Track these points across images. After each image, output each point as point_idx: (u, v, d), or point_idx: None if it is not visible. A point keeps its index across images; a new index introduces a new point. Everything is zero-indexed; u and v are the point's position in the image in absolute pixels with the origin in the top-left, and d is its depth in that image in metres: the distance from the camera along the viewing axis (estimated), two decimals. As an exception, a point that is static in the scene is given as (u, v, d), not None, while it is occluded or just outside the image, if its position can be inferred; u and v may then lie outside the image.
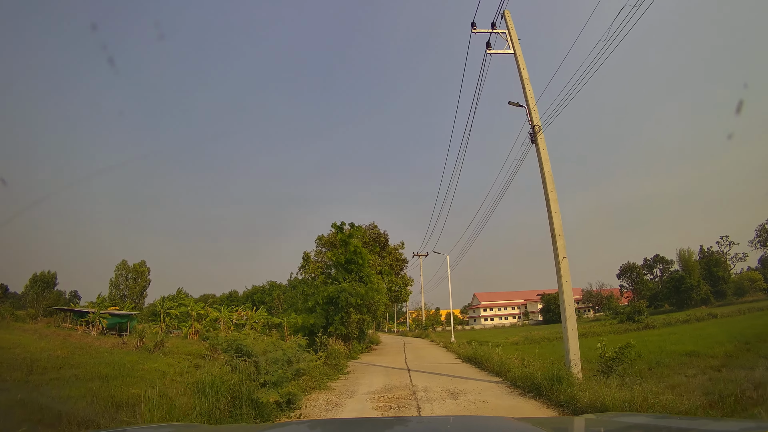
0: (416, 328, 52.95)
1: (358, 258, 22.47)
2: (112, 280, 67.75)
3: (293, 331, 22.25)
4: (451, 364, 16.73)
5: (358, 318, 21.11)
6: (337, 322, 20.73)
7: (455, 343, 27.58)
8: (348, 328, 20.90)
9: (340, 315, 20.78)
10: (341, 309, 20.96)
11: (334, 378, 13.14)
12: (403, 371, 14.47)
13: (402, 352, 23.04)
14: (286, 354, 10.36)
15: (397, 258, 29.22)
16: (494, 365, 13.66)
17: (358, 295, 20.97)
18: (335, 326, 20.65)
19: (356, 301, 20.81)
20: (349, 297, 20.69)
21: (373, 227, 28.76)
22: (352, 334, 21.33)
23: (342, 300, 20.64)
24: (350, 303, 20.82)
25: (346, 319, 20.81)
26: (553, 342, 35.33)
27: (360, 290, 21.02)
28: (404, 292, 29.30)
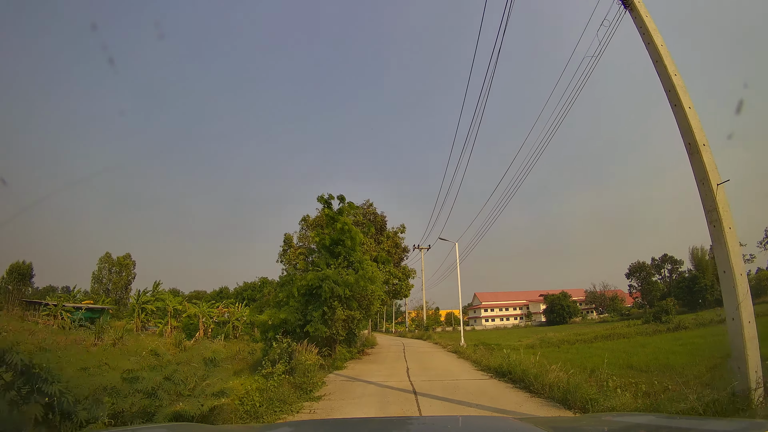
0: (416, 329, 47.38)
1: (347, 238, 17.01)
2: (94, 274, 62.21)
3: (261, 332, 16.73)
4: (474, 380, 11.20)
5: (345, 315, 15.62)
6: (317, 320, 15.23)
7: (466, 347, 22.03)
8: (332, 328, 15.41)
9: (321, 310, 15.30)
10: (323, 303, 15.49)
11: (292, 408, 7.63)
12: (406, 395, 8.92)
13: (402, 359, 17.52)
14: (173, 374, 4.92)
15: (396, 244, 23.82)
16: (552, 387, 8.19)
17: (346, 284, 15.50)
18: (315, 325, 15.16)
19: (343, 292, 15.33)
20: (334, 287, 15.22)
21: (369, 205, 23.37)
22: (338, 336, 15.82)
23: (324, 291, 15.17)
24: (335, 294, 15.35)
25: (329, 315, 15.32)
26: (575, 345, 29.87)
27: (348, 278, 15.55)
28: (404, 286, 23.87)
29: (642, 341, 28.40)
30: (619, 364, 14.57)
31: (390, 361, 17.01)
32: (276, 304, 16.64)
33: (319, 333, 15.14)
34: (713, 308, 56.53)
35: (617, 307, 74.46)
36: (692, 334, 29.37)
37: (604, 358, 16.86)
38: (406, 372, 13.15)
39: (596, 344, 29.33)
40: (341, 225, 17.17)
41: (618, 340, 30.24)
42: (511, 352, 14.04)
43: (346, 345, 19.42)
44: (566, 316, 72.85)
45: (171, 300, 39.82)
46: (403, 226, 24.08)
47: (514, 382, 10.10)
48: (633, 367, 13.77)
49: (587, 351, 25.77)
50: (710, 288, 59.34)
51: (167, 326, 38.22)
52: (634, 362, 14.60)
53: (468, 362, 15.69)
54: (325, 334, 15.33)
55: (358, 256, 17.47)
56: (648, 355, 16.86)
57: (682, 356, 14.97)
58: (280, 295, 16.62)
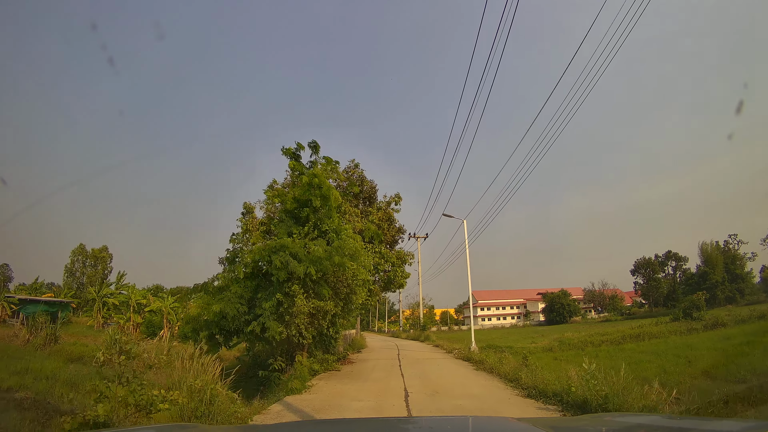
0: (411, 328, 41.70)
1: (317, 197, 11.35)
2: (67, 266, 55.91)
3: (192, 331, 10.98)
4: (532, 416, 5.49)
5: (311, 307, 9.95)
6: (267, 314, 9.56)
7: (477, 352, 16.42)
8: (290, 327, 9.73)
9: (273, 299, 9.62)
10: (277, 288, 9.82)
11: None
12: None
13: (397, 371, 11.86)
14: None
15: (389, 218, 18.10)
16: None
17: (312, 260, 9.84)
18: (266, 321, 9.50)
19: (305, 271, 9.66)
20: (291, 262, 9.55)
21: (354, 166, 17.60)
22: (299, 338, 10.10)
23: (276, 267, 9.52)
24: (294, 276, 9.70)
25: (286, 307, 9.66)
26: (601, 347, 24.37)
27: (316, 251, 9.88)
28: (399, 273, 18.21)
29: (684, 342, 23.04)
30: (689, 372, 11.73)
31: (379, 375, 11.30)
32: (215, 291, 10.92)
33: (272, 334, 9.45)
34: (724, 306, 51.70)
35: (617, 306, 69.68)
36: (736, 331, 24.12)
37: (664, 364, 12.90)
38: (405, 400, 7.47)
39: (627, 346, 23.98)
40: (309, 178, 11.52)
41: (650, 340, 24.96)
42: (568, 367, 8.70)
43: (322, 351, 13.75)
44: (566, 315, 67.63)
45: (134, 293, 33.88)
46: (398, 196, 18.45)
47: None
48: (710, 374, 11.10)
49: (625, 355, 20.31)
50: (721, 285, 54.40)
51: (129, 322, 32.34)
52: (703, 367, 11.66)
53: (495, 378, 10.07)
54: (280, 335, 9.64)
55: (334, 224, 11.80)
56: (713, 359, 14.05)
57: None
58: (219, 277, 10.93)
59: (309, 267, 9.63)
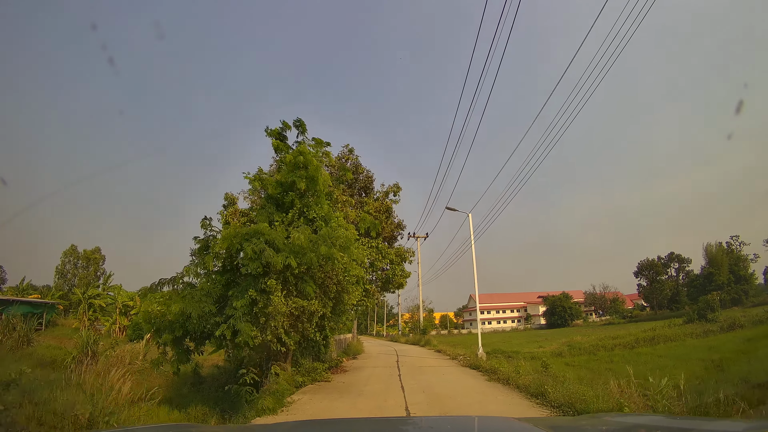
0: (410, 332, 39.80)
1: (302, 178, 9.60)
2: (57, 268, 53.98)
3: (154, 333, 9.19)
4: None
5: (292, 306, 8.17)
6: (239, 315, 7.77)
7: (485, 359, 14.61)
8: (265, 331, 7.93)
9: (246, 297, 7.83)
10: (253, 283, 8.05)
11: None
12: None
13: (396, 380, 10.05)
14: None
15: (388, 210, 16.28)
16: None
17: (294, 249, 8.06)
18: (237, 323, 7.70)
19: (284, 263, 7.87)
20: (266, 251, 7.77)
21: (349, 151, 15.72)
22: (283, 346, 8.29)
23: (248, 256, 7.75)
24: (272, 268, 7.93)
25: (263, 307, 7.87)
26: (614, 351, 22.56)
27: (298, 238, 8.07)
28: (399, 272, 16.41)
29: (703, 344, 21.31)
30: (726, 379, 9.92)
31: (376, 387, 9.46)
32: (184, 287, 9.11)
33: (244, 339, 7.65)
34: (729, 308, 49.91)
35: (619, 308, 67.87)
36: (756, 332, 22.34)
37: (694, 371, 11.33)
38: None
39: (642, 350, 22.18)
40: (293, 156, 9.78)
41: (666, 343, 23.16)
42: (589, 375, 7.17)
43: (311, 358, 11.92)
44: (568, 318, 65.81)
45: (120, 294, 31.95)
46: (397, 186, 16.62)
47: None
48: (750, 382, 9.22)
49: (643, 360, 18.53)
50: (727, 286, 52.69)
51: (115, 325, 30.40)
52: (740, 374, 10.01)
53: (514, 392, 8.26)
54: (254, 340, 7.84)
55: (323, 211, 10.05)
56: (746, 363, 12.27)
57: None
58: (185, 271, 9.13)
59: (289, 258, 7.85)
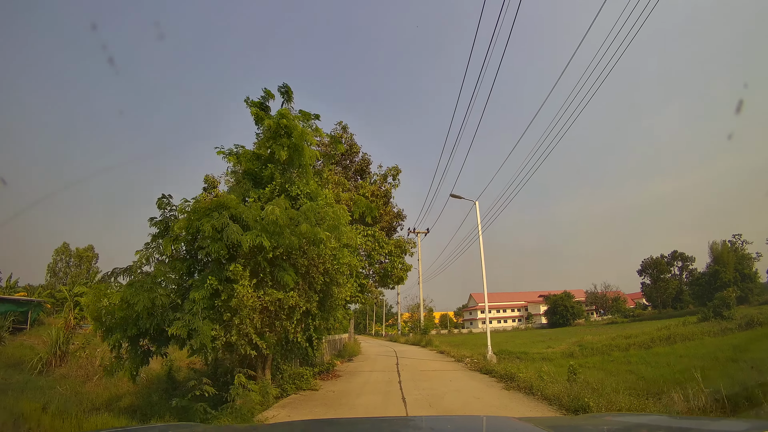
0: (410, 332, 38.02)
1: (282, 146, 7.89)
2: (49, 266, 52.06)
3: (105, 332, 7.46)
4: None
5: (266, 299, 6.46)
6: (198, 309, 6.06)
7: (495, 361, 12.90)
8: (230, 331, 6.21)
9: (207, 287, 6.13)
10: (217, 270, 6.34)
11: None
12: None
13: (396, 389, 8.33)
14: None
15: (386, 195, 14.54)
16: None
17: (267, 227, 6.35)
18: (193, 319, 5.98)
19: (256, 242, 6.16)
20: (234, 230, 6.06)
21: (342, 128, 13.92)
22: (243, 348, 6.55)
23: (209, 236, 6.05)
24: (240, 250, 6.23)
25: (225, 300, 6.16)
26: (627, 351, 20.77)
27: (272, 211, 6.33)
28: (398, 265, 14.63)
29: (724, 343, 19.56)
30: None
31: (371, 399, 7.70)
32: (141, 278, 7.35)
33: (202, 339, 5.92)
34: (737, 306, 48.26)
35: (621, 307, 66.25)
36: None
37: (730, 374, 9.98)
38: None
39: (659, 350, 20.43)
40: (273, 121, 8.08)
41: (684, 342, 21.47)
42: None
43: (299, 362, 10.21)
44: (569, 317, 64.16)
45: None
46: (396, 169, 14.84)
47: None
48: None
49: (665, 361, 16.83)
50: (733, 284, 51.03)
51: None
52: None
53: (543, 405, 6.54)
54: (215, 342, 6.11)
55: (309, 188, 8.33)
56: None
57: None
58: (139, 257, 7.40)
59: (260, 237, 6.12)
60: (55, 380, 15.40)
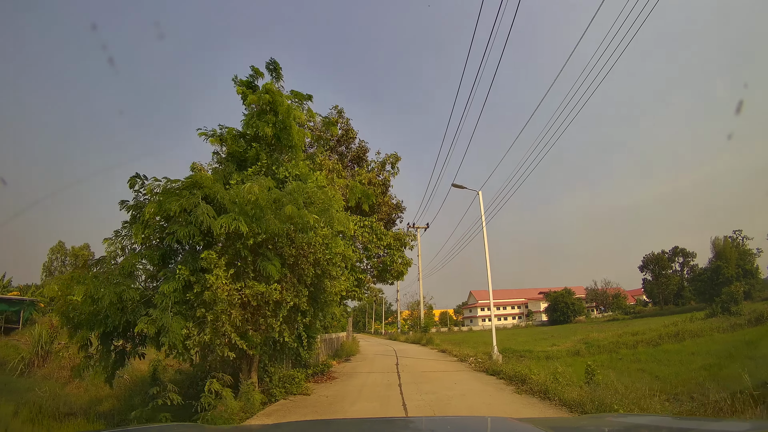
0: (410, 330, 37.23)
1: (267, 124, 7.04)
2: (44, 265, 51.20)
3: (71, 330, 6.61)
4: None
5: (246, 292, 5.61)
6: (168, 304, 5.20)
7: (501, 361, 12.06)
8: (203, 329, 5.36)
9: (178, 279, 5.27)
10: (191, 259, 5.47)
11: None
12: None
13: (396, 394, 7.48)
14: None
15: (385, 184, 13.67)
16: None
17: (247, 209, 5.48)
18: (162, 315, 5.12)
19: (233, 226, 5.30)
20: (204, 212, 5.20)
21: (338, 112, 13.03)
22: (218, 349, 5.69)
23: (177, 219, 5.19)
24: (216, 237, 5.37)
25: (196, 292, 5.30)
26: (635, 349, 20.03)
27: (251, 190, 5.44)
28: (398, 259, 13.74)
29: (735, 339, 18.83)
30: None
31: (367, 406, 6.84)
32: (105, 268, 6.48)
33: (172, 339, 5.03)
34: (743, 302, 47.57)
35: (622, 304, 65.61)
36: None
37: (757, 374, 8.53)
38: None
39: (668, 347, 19.66)
40: (257, 97, 7.21)
41: (693, 339, 20.69)
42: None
43: (289, 363, 9.35)
44: (570, 314, 63.41)
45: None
46: (395, 156, 13.97)
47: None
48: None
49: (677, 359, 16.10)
50: (735, 280, 50.35)
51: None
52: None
53: (561, 412, 5.72)
54: (186, 341, 5.23)
55: (298, 170, 7.46)
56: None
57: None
58: (107, 246, 6.55)
59: (236, 221, 5.26)
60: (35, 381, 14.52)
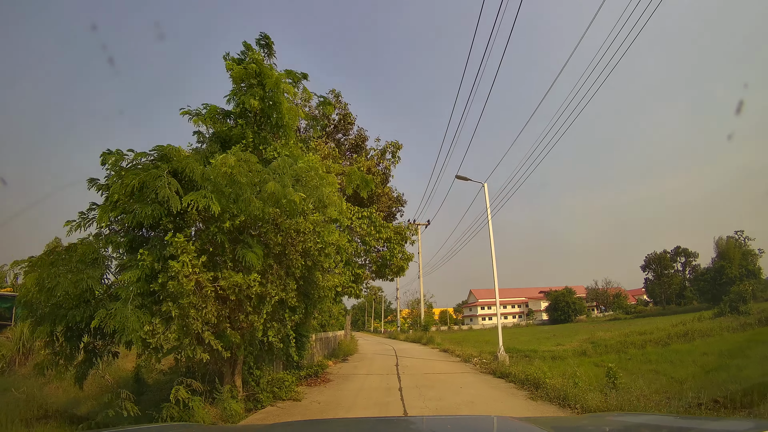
0: (410, 329, 36.41)
1: (254, 97, 6.23)
2: (39, 266, 50.37)
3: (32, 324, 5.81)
4: None
5: (229, 287, 4.79)
6: (131, 296, 4.39)
7: (507, 362, 11.26)
8: (169, 327, 4.54)
9: (141, 267, 4.46)
10: (158, 243, 4.66)
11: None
12: None
13: (396, 399, 6.66)
14: None
15: (384, 173, 12.79)
16: None
17: (223, 187, 4.67)
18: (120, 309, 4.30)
19: (202, 204, 4.48)
20: (165, 184, 4.39)
21: (336, 96, 12.13)
22: (204, 351, 4.89)
23: (138, 198, 4.39)
24: (182, 217, 4.56)
25: (163, 283, 4.49)
26: (644, 349, 19.01)
27: (225, 162, 4.60)
28: (398, 254, 12.83)
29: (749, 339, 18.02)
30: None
31: (362, 414, 6.03)
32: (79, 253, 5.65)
33: (129, 337, 4.18)
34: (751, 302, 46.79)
35: (622, 304, 64.91)
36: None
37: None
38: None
39: (677, 347, 18.66)
40: (241, 68, 6.40)
41: (703, 339, 19.87)
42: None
43: (280, 365, 8.54)
44: (571, 314, 62.65)
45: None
46: (396, 145, 13.06)
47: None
48: None
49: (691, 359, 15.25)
50: (739, 279, 49.61)
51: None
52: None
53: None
54: (148, 339, 4.39)
55: (288, 150, 6.65)
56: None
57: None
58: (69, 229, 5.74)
59: (206, 198, 4.45)
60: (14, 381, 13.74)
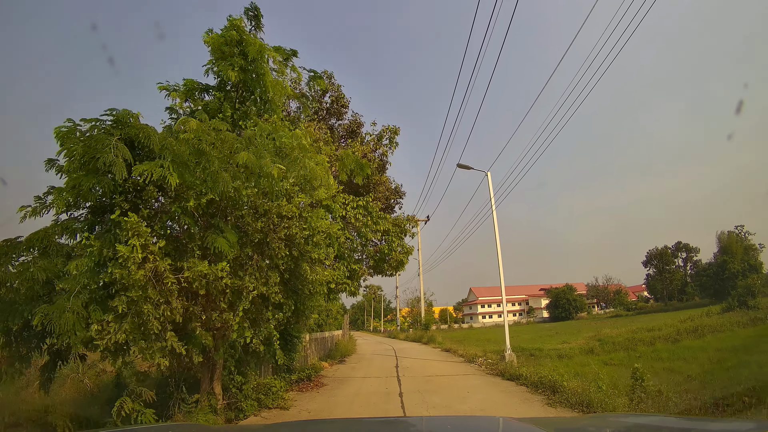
0: (410, 327, 35.65)
1: (233, 67, 5.48)
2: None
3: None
4: None
5: (196, 279, 4.02)
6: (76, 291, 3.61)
7: (516, 363, 10.49)
8: (120, 325, 3.77)
9: (90, 255, 3.69)
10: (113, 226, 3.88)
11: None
12: None
13: (396, 408, 5.86)
14: None
15: (381, 160, 11.95)
16: None
17: (183, 153, 3.88)
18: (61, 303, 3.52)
19: (155, 174, 3.69)
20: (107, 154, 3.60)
21: (328, 77, 11.32)
22: (163, 357, 4.11)
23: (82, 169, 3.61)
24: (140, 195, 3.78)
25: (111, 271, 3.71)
26: (653, 346, 18.34)
27: (188, 125, 3.83)
28: (396, 247, 12.33)
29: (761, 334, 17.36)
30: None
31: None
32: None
33: (67, 338, 3.37)
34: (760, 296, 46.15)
35: (623, 300, 64.32)
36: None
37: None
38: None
39: (688, 343, 18.06)
40: (221, 35, 5.63)
41: (714, 335, 19.18)
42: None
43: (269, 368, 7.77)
44: (572, 311, 62.03)
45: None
46: (394, 130, 12.23)
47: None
48: None
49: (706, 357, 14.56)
50: (741, 274, 48.96)
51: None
52: None
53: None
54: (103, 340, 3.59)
55: (270, 125, 5.86)
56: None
57: None
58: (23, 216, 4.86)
59: (162, 168, 3.66)
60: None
